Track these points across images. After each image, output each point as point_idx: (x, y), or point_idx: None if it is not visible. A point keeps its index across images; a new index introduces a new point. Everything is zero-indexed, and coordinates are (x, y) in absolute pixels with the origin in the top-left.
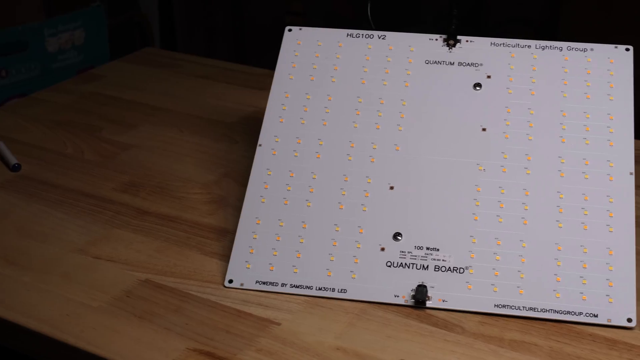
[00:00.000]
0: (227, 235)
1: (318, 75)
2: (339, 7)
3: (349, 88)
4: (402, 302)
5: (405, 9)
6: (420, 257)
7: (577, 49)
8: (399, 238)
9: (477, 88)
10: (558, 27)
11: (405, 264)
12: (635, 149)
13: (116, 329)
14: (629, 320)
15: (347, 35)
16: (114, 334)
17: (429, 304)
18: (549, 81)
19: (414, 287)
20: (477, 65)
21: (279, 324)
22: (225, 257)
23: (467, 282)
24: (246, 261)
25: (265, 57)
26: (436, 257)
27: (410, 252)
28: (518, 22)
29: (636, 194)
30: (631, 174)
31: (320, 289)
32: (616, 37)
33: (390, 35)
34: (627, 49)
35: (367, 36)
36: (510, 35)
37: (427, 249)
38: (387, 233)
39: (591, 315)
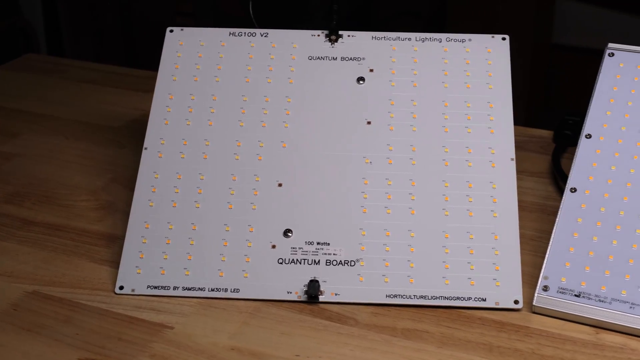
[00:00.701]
0: (116, 241)
1: (201, 76)
2: (228, 6)
3: (233, 87)
4: (295, 298)
5: (294, 7)
6: (311, 253)
7: (455, 40)
8: (290, 235)
9: (361, 82)
10: (446, 19)
11: (297, 260)
12: (515, 135)
13: (3, 343)
14: (516, 302)
15: (230, 34)
16: (0, 349)
17: (321, 298)
18: (430, 72)
19: (306, 282)
20: (359, 59)
21: (172, 328)
22: (116, 263)
23: (359, 275)
24: (136, 266)
25: (156, 59)
26: (327, 252)
27: (301, 248)
28: (407, 15)
29: (518, 179)
30: (512, 159)
31: (212, 289)
32: (500, 27)
33: (273, 32)
34: (504, 38)
35: (249, 34)
36: (400, 29)
37: (318, 244)
38: (278, 230)
39: (480, 299)
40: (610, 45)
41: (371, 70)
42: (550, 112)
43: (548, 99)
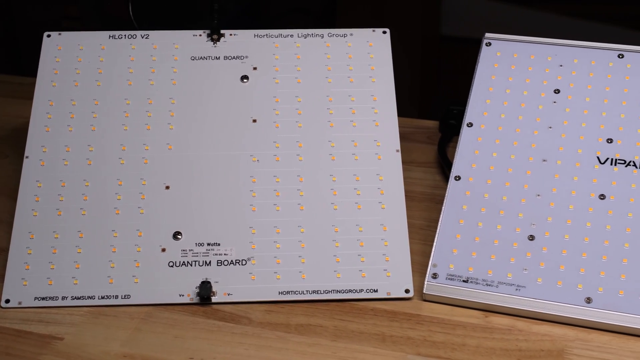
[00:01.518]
0: (0, 254)
1: (82, 80)
2: (115, 8)
3: (115, 91)
4: (188, 301)
5: (181, 7)
6: (202, 254)
7: (337, 35)
8: (179, 237)
9: (245, 80)
10: (335, 14)
11: (188, 262)
12: (402, 127)
13: None
14: (407, 291)
15: (110, 37)
16: None
17: (214, 299)
18: (314, 68)
19: (198, 284)
20: (242, 58)
21: (62, 339)
22: (0, 276)
23: (251, 273)
24: (22, 278)
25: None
26: (218, 252)
27: (191, 250)
28: (299, 12)
29: (406, 170)
30: (397, 151)
31: (103, 297)
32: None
33: (154, 34)
34: (384, 32)
35: (130, 37)
36: (290, 26)
37: (208, 244)
38: (167, 233)
39: (371, 290)
40: (487, 35)
41: (255, 69)
42: (442, 102)
43: (439, 90)
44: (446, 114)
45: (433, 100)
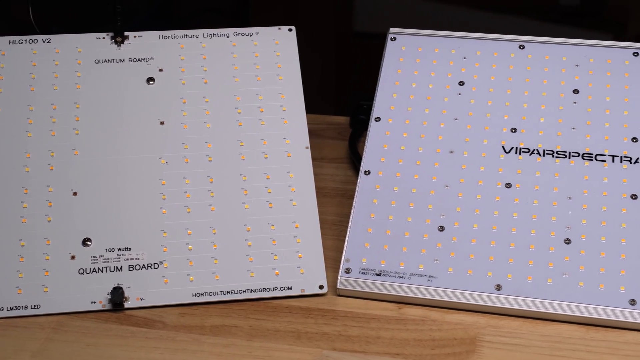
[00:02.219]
0: None
1: None
2: (20, 12)
3: (17, 97)
4: (100, 308)
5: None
6: (112, 260)
7: (243, 34)
8: (89, 243)
9: (151, 82)
10: (248, 13)
11: (98, 268)
12: (313, 123)
13: None
14: (321, 287)
15: (10, 42)
16: None
17: (127, 304)
18: (220, 68)
19: (110, 290)
20: (147, 60)
21: None
22: None
23: (163, 277)
24: None
25: None
26: (129, 257)
27: (102, 256)
28: (211, 12)
29: (318, 166)
30: (307, 148)
31: (11, 308)
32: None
33: (56, 37)
34: (290, 30)
35: (31, 41)
36: (203, 26)
37: (119, 249)
38: (76, 240)
39: (285, 288)
40: (392, 30)
41: (160, 70)
42: (354, 98)
43: (355, 86)
44: (356, 110)
45: (349, 96)
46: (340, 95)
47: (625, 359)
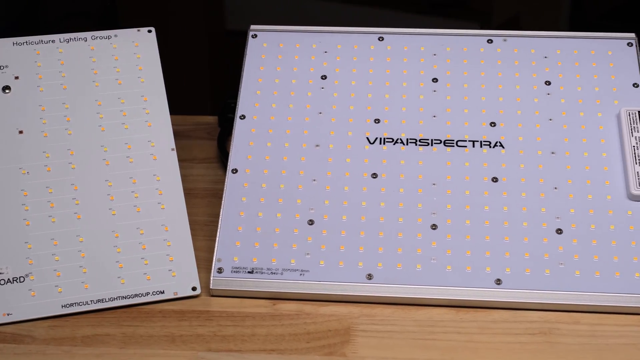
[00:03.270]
0: None
1: None
2: None
3: None
4: None
5: None
6: None
7: (101, 37)
8: None
9: (7, 91)
10: (117, 16)
11: None
12: (182, 125)
13: None
14: (194, 288)
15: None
16: None
17: None
18: (79, 73)
19: None
20: (2, 67)
21: None
22: None
23: (30, 290)
24: None
25: None
26: None
27: None
28: (78, 16)
29: (188, 167)
30: (173, 149)
31: None
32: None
33: None
34: (150, 31)
35: None
36: (71, 30)
37: None
38: None
39: (158, 292)
40: (253, 27)
41: (17, 78)
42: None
43: (226, 85)
44: (224, 108)
45: (224, 96)
46: (214, 95)
47: (494, 337)
